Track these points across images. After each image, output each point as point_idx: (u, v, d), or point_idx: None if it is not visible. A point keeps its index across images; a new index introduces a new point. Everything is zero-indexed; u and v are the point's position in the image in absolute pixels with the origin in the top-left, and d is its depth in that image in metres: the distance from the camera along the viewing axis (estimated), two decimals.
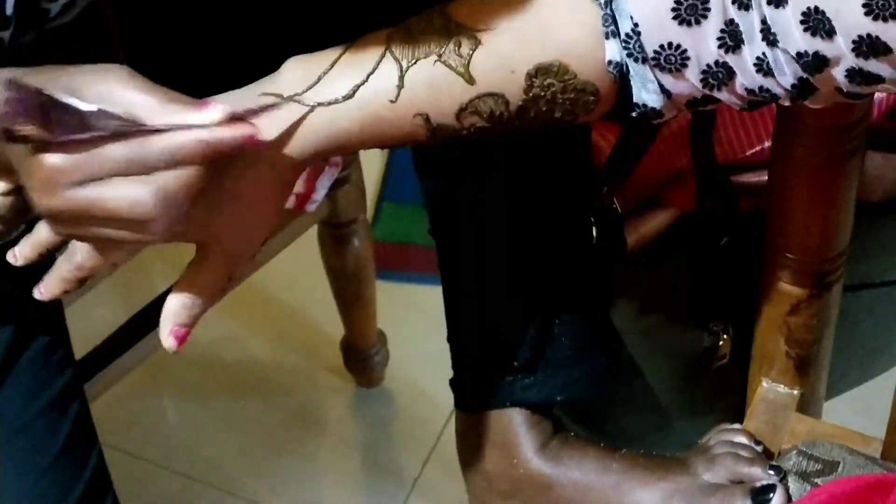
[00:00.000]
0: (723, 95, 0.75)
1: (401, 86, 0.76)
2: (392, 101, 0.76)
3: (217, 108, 0.72)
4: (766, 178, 0.97)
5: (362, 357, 1.70)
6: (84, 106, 0.70)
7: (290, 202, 1.38)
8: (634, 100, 0.77)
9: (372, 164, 1.91)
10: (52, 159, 0.70)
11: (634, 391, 1.12)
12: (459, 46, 0.76)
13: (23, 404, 0.94)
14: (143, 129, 0.70)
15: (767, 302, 0.98)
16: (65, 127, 0.70)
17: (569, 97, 0.77)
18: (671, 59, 0.74)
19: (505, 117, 0.77)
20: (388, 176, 1.98)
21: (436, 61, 0.76)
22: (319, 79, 0.76)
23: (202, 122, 0.71)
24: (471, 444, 1.07)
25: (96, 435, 1.00)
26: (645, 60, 0.75)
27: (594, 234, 1.05)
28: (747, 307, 1.03)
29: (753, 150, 1.07)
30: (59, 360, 0.96)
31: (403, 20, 0.78)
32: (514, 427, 1.04)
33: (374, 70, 0.76)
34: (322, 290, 1.63)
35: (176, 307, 0.78)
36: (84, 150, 0.70)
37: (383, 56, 0.76)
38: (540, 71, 0.76)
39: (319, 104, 0.76)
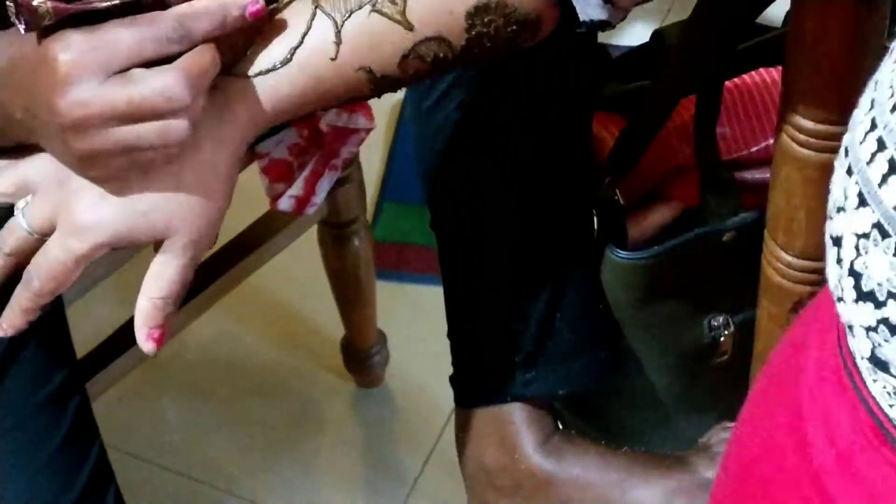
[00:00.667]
0: None
1: (339, 42, 0.74)
2: (333, 59, 0.74)
3: None
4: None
5: (362, 357, 1.70)
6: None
7: (290, 205, 1.38)
8: (581, 18, 0.76)
9: (372, 164, 1.91)
10: (63, 55, 0.68)
11: (635, 386, 1.12)
12: None
13: (23, 398, 0.93)
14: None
15: (769, 299, 0.98)
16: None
17: (512, 29, 0.75)
18: None
19: (450, 59, 0.76)
20: (388, 176, 1.97)
21: (371, 11, 0.74)
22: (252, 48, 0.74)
23: None
24: (471, 441, 1.07)
25: (97, 429, 1.00)
26: None
27: (596, 226, 1.05)
28: (749, 304, 1.03)
29: (758, 147, 1.08)
30: (59, 355, 0.96)
31: None
32: (515, 422, 1.04)
33: (308, 30, 0.74)
34: (322, 290, 1.62)
35: (148, 309, 0.76)
36: (93, 41, 0.68)
37: (314, 14, 0.74)
38: (479, 9, 0.74)
39: (258, 74, 0.74)
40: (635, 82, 1.11)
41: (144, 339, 0.76)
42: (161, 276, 0.76)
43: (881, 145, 0.58)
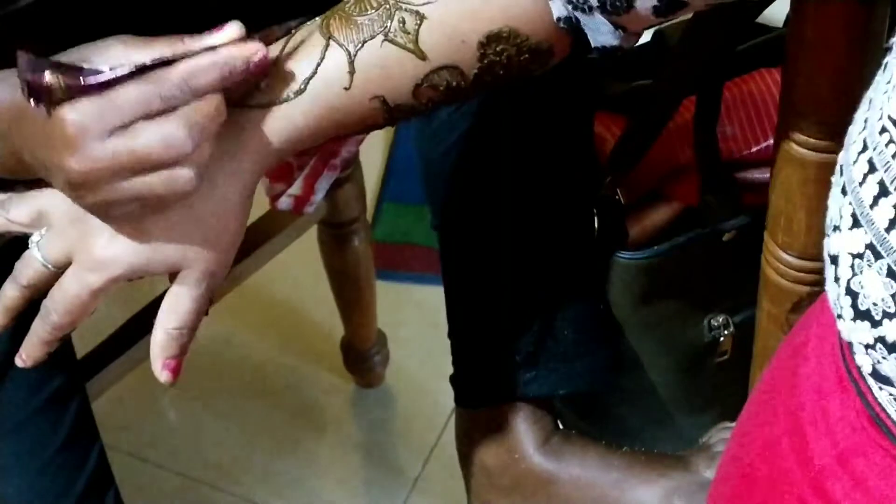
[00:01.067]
0: (683, 13, 0.75)
1: (352, 71, 0.74)
2: (346, 89, 0.75)
3: (232, 26, 0.71)
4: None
5: (362, 357, 1.70)
6: (103, 68, 0.70)
7: (289, 205, 1.38)
8: (592, 44, 0.77)
9: (372, 164, 1.91)
10: (71, 115, 0.69)
11: (635, 386, 1.12)
12: (404, 23, 0.74)
13: (23, 400, 0.94)
14: (161, 61, 0.70)
15: (769, 299, 0.98)
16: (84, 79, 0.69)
17: (524, 57, 0.76)
18: (618, 4, 0.74)
19: (462, 87, 0.76)
20: (388, 176, 1.97)
21: (383, 41, 0.74)
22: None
23: (221, 40, 0.71)
24: (471, 441, 1.07)
25: (97, 431, 1.00)
26: (592, 10, 0.74)
27: (596, 225, 1.05)
28: (749, 304, 1.03)
29: (758, 147, 1.08)
30: (59, 357, 0.96)
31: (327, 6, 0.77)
32: (516, 422, 1.04)
33: (321, 60, 0.74)
34: (322, 290, 1.63)
35: (164, 340, 0.77)
36: (100, 101, 0.69)
37: (327, 44, 0.74)
38: (491, 38, 0.75)
39: (272, 104, 0.74)
40: (637, 82, 1.11)
41: (161, 370, 0.78)
42: (176, 308, 0.76)
43: (872, 167, 0.58)
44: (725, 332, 1.09)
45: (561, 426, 1.08)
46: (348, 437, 1.71)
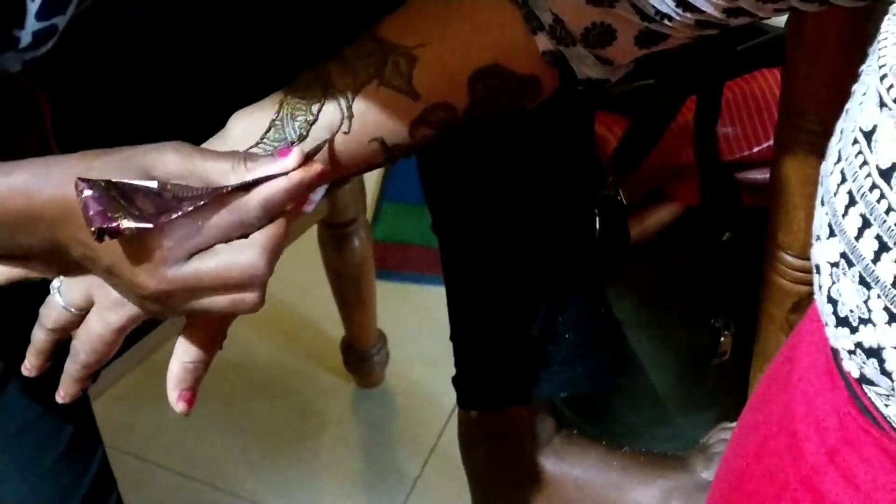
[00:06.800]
0: (666, 45, 0.76)
1: (351, 116, 0.77)
2: (346, 133, 0.77)
3: (294, 152, 0.72)
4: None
5: (362, 357, 1.70)
6: (154, 185, 0.70)
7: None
8: (579, 77, 0.78)
9: None
10: (155, 243, 0.70)
11: (636, 386, 1.12)
12: (398, 66, 0.77)
13: (25, 404, 0.93)
14: (221, 191, 0.70)
15: (769, 300, 0.98)
16: (152, 209, 0.69)
17: (513, 91, 0.78)
18: (600, 37, 0.75)
19: (455, 123, 0.78)
20: (388, 176, 1.98)
21: (379, 85, 0.77)
22: (271, 126, 0.76)
23: (286, 168, 0.72)
24: (473, 442, 1.08)
25: (100, 436, 1.00)
26: (575, 43, 0.76)
27: (597, 226, 1.05)
28: (749, 304, 1.03)
29: (760, 148, 1.08)
30: (61, 361, 0.96)
31: (330, 52, 0.79)
32: (517, 424, 1.04)
33: (321, 106, 0.77)
34: (322, 290, 1.63)
35: (180, 372, 0.78)
36: (179, 225, 0.70)
37: (327, 91, 0.77)
38: (479, 74, 0.77)
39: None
40: (637, 82, 1.11)
41: (176, 400, 0.79)
42: (192, 342, 0.78)
43: (843, 177, 0.60)
44: (726, 332, 1.09)
45: (562, 426, 1.09)
46: (348, 436, 1.71)
